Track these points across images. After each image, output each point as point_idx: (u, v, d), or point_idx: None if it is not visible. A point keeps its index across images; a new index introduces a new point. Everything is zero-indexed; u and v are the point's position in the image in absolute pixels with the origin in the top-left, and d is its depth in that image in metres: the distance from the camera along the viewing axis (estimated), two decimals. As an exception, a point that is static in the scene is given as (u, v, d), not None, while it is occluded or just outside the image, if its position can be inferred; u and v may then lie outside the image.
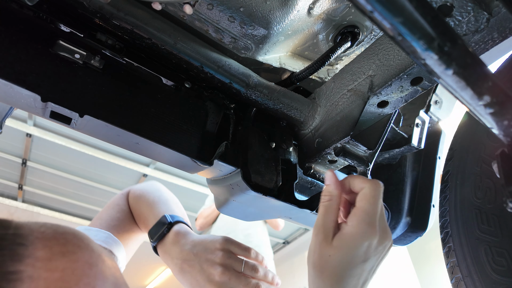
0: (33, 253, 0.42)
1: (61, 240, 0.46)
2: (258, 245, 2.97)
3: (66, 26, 0.75)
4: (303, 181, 0.96)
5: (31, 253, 0.42)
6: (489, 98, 0.43)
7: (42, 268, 0.42)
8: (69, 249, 0.45)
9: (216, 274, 0.80)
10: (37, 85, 0.67)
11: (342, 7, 0.80)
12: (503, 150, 0.59)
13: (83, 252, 0.46)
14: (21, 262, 0.40)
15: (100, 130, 0.75)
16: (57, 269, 0.42)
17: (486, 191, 0.87)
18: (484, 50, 0.64)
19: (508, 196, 0.57)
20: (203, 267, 0.82)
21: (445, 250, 0.94)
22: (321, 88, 0.97)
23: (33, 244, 0.43)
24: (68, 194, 5.29)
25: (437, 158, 1.20)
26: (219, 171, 0.88)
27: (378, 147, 0.85)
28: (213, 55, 0.86)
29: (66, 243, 0.46)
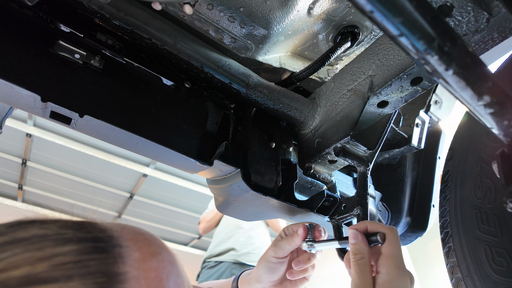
0: (131, 254, 0.44)
1: (146, 241, 0.48)
2: (260, 247, 2.98)
3: (66, 26, 0.75)
4: (303, 181, 0.96)
5: (129, 255, 0.44)
6: (489, 98, 0.43)
7: (141, 269, 0.43)
8: (154, 249, 0.47)
9: None
10: (37, 85, 0.67)
11: (342, 7, 0.80)
12: (503, 150, 0.59)
13: (164, 252, 0.49)
14: (124, 264, 0.42)
15: (100, 130, 0.75)
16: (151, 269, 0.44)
17: (486, 191, 0.87)
18: (484, 50, 0.64)
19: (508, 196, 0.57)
20: None
21: (445, 250, 0.94)
22: (321, 88, 0.97)
23: (128, 246, 0.45)
24: (68, 194, 5.29)
25: (437, 158, 1.20)
26: (219, 171, 0.88)
27: (378, 147, 0.85)
28: (213, 55, 0.86)
29: (150, 243, 0.48)
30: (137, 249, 0.45)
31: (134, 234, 0.48)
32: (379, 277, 0.61)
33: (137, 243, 0.46)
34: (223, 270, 2.82)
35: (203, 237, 6.17)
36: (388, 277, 0.60)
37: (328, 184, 0.99)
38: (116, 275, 0.40)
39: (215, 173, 0.90)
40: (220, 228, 3.20)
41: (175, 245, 6.33)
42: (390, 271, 0.61)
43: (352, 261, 0.66)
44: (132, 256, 0.44)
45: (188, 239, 6.50)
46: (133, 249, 0.44)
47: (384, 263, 0.62)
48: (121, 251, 0.43)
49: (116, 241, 0.44)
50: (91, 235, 0.43)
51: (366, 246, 0.66)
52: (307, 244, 0.81)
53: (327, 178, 0.99)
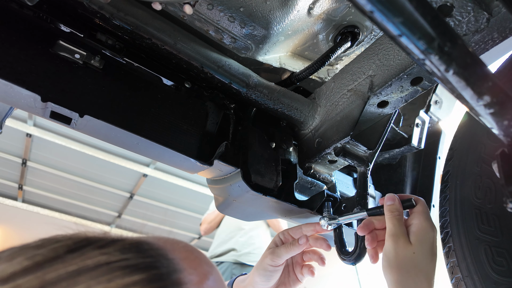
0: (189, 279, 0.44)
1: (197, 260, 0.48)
2: (260, 247, 2.98)
3: (66, 26, 0.75)
4: (303, 181, 0.96)
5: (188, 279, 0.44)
6: (489, 98, 0.43)
7: None
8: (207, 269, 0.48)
9: None
10: (37, 85, 0.67)
11: (342, 7, 0.80)
12: (503, 150, 0.59)
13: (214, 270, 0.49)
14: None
15: (100, 130, 0.75)
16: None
17: (486, 191, 0.87)
18: (484, 50, 0.64)
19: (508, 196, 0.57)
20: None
21: (445, 250, 0.94)
22: (321, 88, 0.97)
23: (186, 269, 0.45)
24: (68, 194, 5.29)
25: (437, 158, 1.20)
26: (219, 171, 0.88)
27: (378, 147, 0.85)
28: (213, 55, 0.86)
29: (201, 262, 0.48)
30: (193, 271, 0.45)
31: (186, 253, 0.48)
32: (412, 226, 0.72)
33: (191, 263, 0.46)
34: (223, 271, 2.83)
35: (204, 237, 6.17)
36: (420, 225, 0.72)
37: (328, 184, 0.99)
38: None
39: (215, 173, 0.90)
40: (221, 229, 3.21)
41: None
42: (422, 221, 0.72)
43: (390, 217, 0.74)
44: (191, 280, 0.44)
45: (188, 239, 6.50)
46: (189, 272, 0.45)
47: (416, 216, 0.73)
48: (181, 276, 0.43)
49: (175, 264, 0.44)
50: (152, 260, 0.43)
51: (401, 207, 0.75)
52: (326, 221, 0.82)
53: (327, 178, 0.99)
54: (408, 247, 0.70)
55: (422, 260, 0.68)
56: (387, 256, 0.71)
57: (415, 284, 0.67)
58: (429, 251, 0.69)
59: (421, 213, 0.74)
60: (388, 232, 0.73)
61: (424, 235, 0.70)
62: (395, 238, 0.71)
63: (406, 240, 0.71)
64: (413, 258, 0.68)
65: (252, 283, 0.88)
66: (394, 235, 0.71)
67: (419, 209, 0.75)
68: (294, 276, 0.89)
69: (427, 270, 0.68)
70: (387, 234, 0.73)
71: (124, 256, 0.41)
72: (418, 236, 0.70)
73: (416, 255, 0.69)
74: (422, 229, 0.71)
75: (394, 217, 0.74)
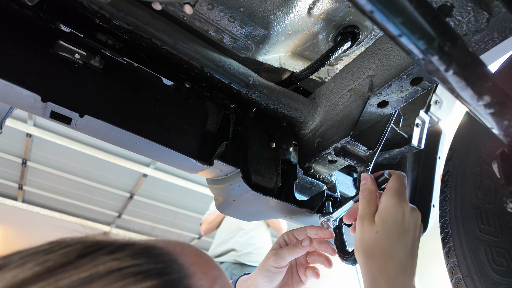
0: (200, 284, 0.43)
1: (206, 265, 0.48)
2: (260, 247, 2.99)
3: (66, 26, 0.75)
4: (303, 181, 0.96)
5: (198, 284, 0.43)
6: (489, 98, 0.43)
7: None
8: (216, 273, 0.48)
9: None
10: (37, 85, 0.67)
11: (342, 7, 0.80)
12: (503, 150, 0.59)
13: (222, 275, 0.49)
14: None
15: (100, 130, 0.75)
16: None
17: (486, 191, 0.87)
18: (484, 50, 0.64)
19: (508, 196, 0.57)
20: None
21: (445, 250, 0.94)
22: (321, 88, 0.97)
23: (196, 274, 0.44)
24: (68, 194, 5.29)
25: (437, 158, 1.20)
26: (219, 171, 0.88)
27: (378, 147, 0.85)
28: (213, 55, 0.86)
29: (210, 267, 0.48)
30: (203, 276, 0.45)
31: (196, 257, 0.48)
32: (379, 205, 0.69)
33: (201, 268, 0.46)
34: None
35: (204, 237, 6.17)
36: (385, 203, 0.68)
37: (328, 184, 0.99)
38: None
39: (215, 173, 0.90)
40: (221, 229, 3.21)
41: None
42: (388, 198, 0.68)
43: (361, 198, 0.72)
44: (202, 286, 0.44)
45: (189, 239, 6.50)
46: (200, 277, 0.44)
47: (385, 193, 0.70)
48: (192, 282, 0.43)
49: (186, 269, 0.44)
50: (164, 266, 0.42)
51: (374, 185, 0.73)
52: (325, 219, 0.82)
53: (327, 178, 0.99)
54: (371, 227, 0.67)
55: (385, 240, 0.65)
56: (355, 239, 0.70)
57: (378, 265, 0.64)
58: (393, 230, 0.65)
59: (389, 189, 0.70)
60: (358, 214, 0.71)
61: (387, 213, 0.67)
62: (360, 219, 0.69)
63: (371, 221, 0.68)
64: (376, 238, 0.65)
65: (255, 283, 0.87)
66: (360, 217, 0.69)
67: (389, 185, 0.71)
68: (298, 277, 0.89)
69: (391, 249, 0.64)
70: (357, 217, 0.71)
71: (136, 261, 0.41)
72: (381, 215, 0.67)
73: (379, 235, 0.65)
74: (385, 207, 0.68)
75: (362, 198, 0.72)
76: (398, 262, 0.63)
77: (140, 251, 0.43)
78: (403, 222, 0.66)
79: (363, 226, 0.68)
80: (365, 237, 0.67)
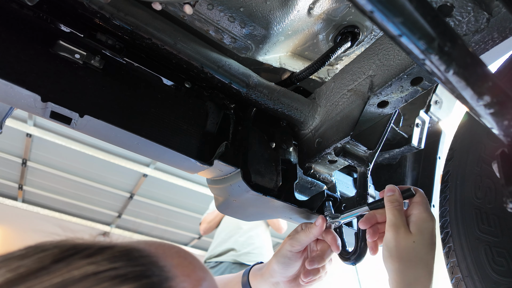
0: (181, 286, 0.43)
1: (191, 266, 0.47)
2: (259, 247, 2.98)
3: (66, 26, 0.75)
4: (303, 181, 0.96)
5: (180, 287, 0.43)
6: (489, 98, 0.43)
7: None
8: (200, 275, 0.47)
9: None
10: (37, 85, 0.67)
11: (342, 7, 0.80)
12: (503, 150, 0.59)
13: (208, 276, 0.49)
14: None
15: (100, 130, 0.75)
16: None
17: (486, 191, 0.87)
18: (484, 50, 0.64)
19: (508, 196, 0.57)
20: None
21: (445, 250, 0.94)
22: (321, 88, 0.97)
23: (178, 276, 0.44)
24: (68, 194, 5.29)
25: (437, 158, 1.20)
26: (219, 171, 0.88)
27: (378, 147, 0.85)
28: (213, 55, 0.86)
29: (195, 268, 0.47)
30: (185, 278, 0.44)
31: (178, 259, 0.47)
32: (412, 216, 0.73)
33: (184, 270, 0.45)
34: (222, 270, 2.82)
35: (203, 237, 6.17)
36: (420, 215, 0.72)
37: (328, 184, 0.99)
38: None
39: (215, 173, 0.90)
40: (220, 228, 3.20)
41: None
42: (421, 211, 0.73)
43: (390, 208, 0.75)
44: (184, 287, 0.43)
45: (188, 239, 6.50)
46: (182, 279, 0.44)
47: (416, 207, 0.74)
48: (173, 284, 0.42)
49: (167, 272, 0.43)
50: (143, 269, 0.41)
51: (401, 197, 0.76)
52: (332, 221, 0.83)
53: (327, 178, 0.99)
54: (409, 236, 0.71)
55: (422, 249, 0.69)
56: (387, 246, 0.72)
57: (415, 272, 0.68)
58: (428, 241, 0.70)
59: (420, 203, 0.74)
60: (389, 223, 0.73)
61: (424, 225, 0.71)
62: (395, 228, 0.72)
63: (407, 230, 0.71)
64: (414, 247, 0.69)
65: (270, 271, 0.88)
66: (395, 225, 0.72)
67: (418, 199, 0.75)
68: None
69: (426, 259, 0.69)
70: (388, 225, 0.73)
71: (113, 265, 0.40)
72: (418, 226, 0.71)
73: (416, 244, 0.69)
74: (421, 219, 0.72)
75: (394, 208, 0.75)
76: (430, 270, 0.69)
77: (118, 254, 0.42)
78: (434, 234, 0.72)
79: (398, 235, 0.71)
80: (401, 245, 0.70)
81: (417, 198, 0.76)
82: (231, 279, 0.97)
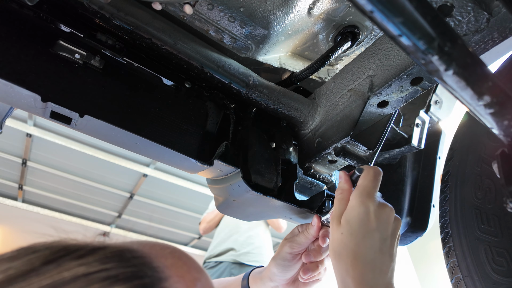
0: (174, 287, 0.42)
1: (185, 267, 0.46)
2: (259, 247, 2.97)
3: (66, 26, 0.75)
4: (303, 181, 0.96)
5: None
6: (489, 98, 0.43)
7: None
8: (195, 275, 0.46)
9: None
10: (37, 85, 0.67)
11: (342, 7, 0.80)
12: (503, 150, 0.59)
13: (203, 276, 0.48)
14: None
15: (100, 130, 0.75)
16: None
17: (486, 191, 0.87)
18: (484, 50, 0.64)
19: (508, 196, 0.57)
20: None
21: (445, 250, 0.94)
22: (321, 88, 0.97)
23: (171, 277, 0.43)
24: (68, 194, 5.29)
25: (437, 158, 1.20)
26: (219, 171, 0.88)
27: (378, 147, 0.85)
28: (213, 55, 0.86)
29: (190, 268, 0.47)
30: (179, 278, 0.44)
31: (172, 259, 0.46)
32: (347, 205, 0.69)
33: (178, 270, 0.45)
34: (222, 270, 2.81)
35: (203, 237, 6.18)
36: (350, 203, 0.68)
37: (328, 184, 0.99)
38: None
39: (215, 173, 0.90)
40: (220, 228, 3.20)
41: (175, 245, 6.33)
42: (352, 199, 0.68)
43: (335, 197, 0.72)
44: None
45: (188, 239, 6.50)
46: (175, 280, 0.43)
47: (352, 193, 0.69)
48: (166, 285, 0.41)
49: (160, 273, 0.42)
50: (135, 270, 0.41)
51: (347, 184, 0.73)
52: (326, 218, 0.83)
53: (327, 178, 0.99)
54: (338, 228, 0.67)
55: (350, 240, 0.64)
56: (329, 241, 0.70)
57: (345, 265, 0.64)
58: (357, 230, 0.65)
59: (358, 187, 0.69)
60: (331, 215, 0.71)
61: (351, 213, 0.66)
62: (332, 220, 0.69)
63: (338, 222, 0.68)
64: (342, 239, 0.65)
65: (269, 274, 0.87)
66: (331, 218, 0.70)
67: (358, 183, 0.70)
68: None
69: (356, 250, 0.64)
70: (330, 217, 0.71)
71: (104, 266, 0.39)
72: (346, 215, 0.67)
73: (344, 236, 0.65)
74: (350, 207, 0.67)
75: (336, 199, 0.72)
76: (364, 261, 0.63)
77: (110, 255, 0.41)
78: (367, 221, 0.65)
79: (332, 227, 0.68)
80: (333, 239, 0.67)
81: (358, 181, 0.70)
82: (231, 282, 0.97)
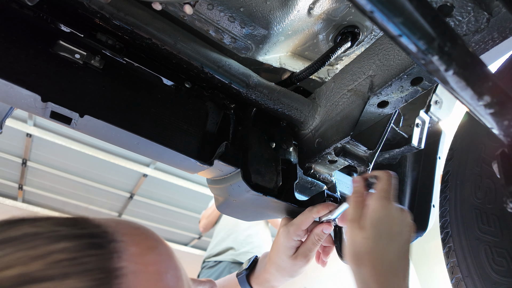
0: (127, 248, 0.43)
1: (142, 236, 0.47)
2: (259, 245, 2.96)
3: (66, 26, 0.75)
4: (303, 181, 0.96)
5: (126, 249, 0.43)
6: (489, 98, 0.43)
7: (139, 263, 0.43)
8: (152, 243, 0.47)
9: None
10: (37, 85, 0.67)
11: (342, 7, 0.80)
12: (503, 150, 0.59)
13: (162, 245, 0.48)
14: (121, 258, 0.42)
15: (100, 130, 0.75)
16: (150, 263, 0.44)
17: (486, 191, 0.87)
18: (484, 50, 0.64)
19: (508, 196, 0.57)
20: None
21: (445, 250, 0.94)
22: (321, 88, 0.97)
23: (125, 241, 0.44)
24: (68, 194, 5.28)
25: (437, 158, 1.20)
26: (219, 171, 0.88)
27: (378, 147, 0.85)
28: (213, 55, 0.86)
29: (147, 237, 0.48)
30: (134, 243, 0.44)
31: (130, 229, 0.47)
32: (366, 208, 0.68)
33: (133, 237, 0.46)
34: (221, 270, 2.80)
35: (203, 237, 6.17)
36: (372, 207, 0.67)
37: (328, 184, 0.99)
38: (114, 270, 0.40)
39: (215, 173, 0.90)
40: (219, 227, 3.19)
41: (175, 245, 6.33)
42: (374, 202, 0.67)
43: (351, 200, 0.71)
44: (129, 250, 0.43)
45: (188, 239, 6.50)
46: (129, 244, 0.44)
47: (371, 197, 0.69)
48: (117, 246, 0.42)
49: (112, 236, 0.43)
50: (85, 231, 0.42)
51: (363, 188, 0.72)
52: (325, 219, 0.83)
53: (327, 178, 0.99)
54: (360, 232, 0.65)
55: (375, 244, 0.62)
56: (346, 245, 0.68)
57: (371, 270, 0.61)
58: (383, 234, 0.63)
59: (376, 193, 0.68)
60: (348, 218, 0.69)
61: (375, 217, 0.65)
62: (350, 224, 0.68)
63: (360, 225, 0.66)
64: (365, 244, 0.63)
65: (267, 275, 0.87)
66: (350, 221, 0.68)
67: (378, 187, 0.69)
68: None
69: (382, 254, 0.62)
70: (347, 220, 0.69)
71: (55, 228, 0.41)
72: (369, 219, 0.65)
73: (367, 240, 0.63)
74: (373, 211, 0.66)
75: (352, 201, 0.70)
76: (390, 265, 0.61)
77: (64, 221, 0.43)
78: (391, 225, 0.64)
79: (352, 231, 0.66)
80: (355, 242, 0.65)
81: (376, 186, 0.69)
82: (231, 279, 0.97)
